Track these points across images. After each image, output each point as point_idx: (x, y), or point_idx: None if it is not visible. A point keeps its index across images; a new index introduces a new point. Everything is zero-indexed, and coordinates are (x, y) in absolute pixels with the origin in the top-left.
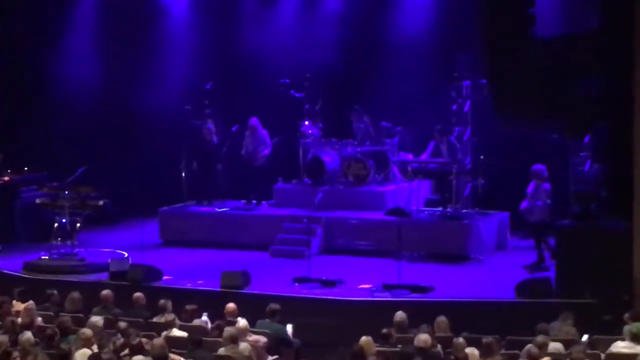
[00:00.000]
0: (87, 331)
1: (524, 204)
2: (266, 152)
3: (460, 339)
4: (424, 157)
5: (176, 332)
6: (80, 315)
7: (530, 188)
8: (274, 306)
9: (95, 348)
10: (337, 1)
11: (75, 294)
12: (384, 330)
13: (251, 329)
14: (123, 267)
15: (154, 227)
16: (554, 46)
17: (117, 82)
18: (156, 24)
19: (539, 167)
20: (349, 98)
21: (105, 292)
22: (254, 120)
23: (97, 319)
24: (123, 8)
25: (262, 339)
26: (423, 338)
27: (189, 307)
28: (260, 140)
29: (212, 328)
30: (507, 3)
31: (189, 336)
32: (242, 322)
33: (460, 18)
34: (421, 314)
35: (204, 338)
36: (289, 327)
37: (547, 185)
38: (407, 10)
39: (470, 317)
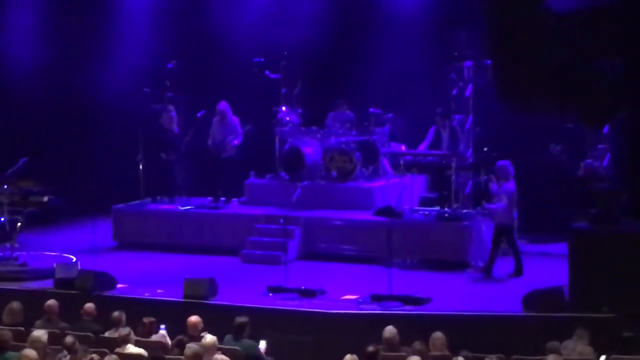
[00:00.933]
0: (30, 352)
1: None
2: (236, 141)
3: (460, 359)
4: (423, 145)
5: (132, 349)
6: (21, 328)
7: (493, 187)
8: (241, 319)
9: None
10: None
11: (15, 304)
12: (371, 348)
13: (219, 346)
14: (70, 273)
15: (106, 227)
16: (570, 22)
17: (64, 61)
18: None
19: (503, 163)
20: (332, 80)
21: (50, 302)
22: (223, 105)
23: (40, 334)
24: None
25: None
26: (415, 358)
27: (146, 319)
28: (230, 128)
29: (172, 344)
30: None
31: (150, 354)
32: (208, 337)
33: None
34: (414, 330)
35: (165, 356)
36: (262, 344)
37: (510, 185)
38: None
39: (470, 334)
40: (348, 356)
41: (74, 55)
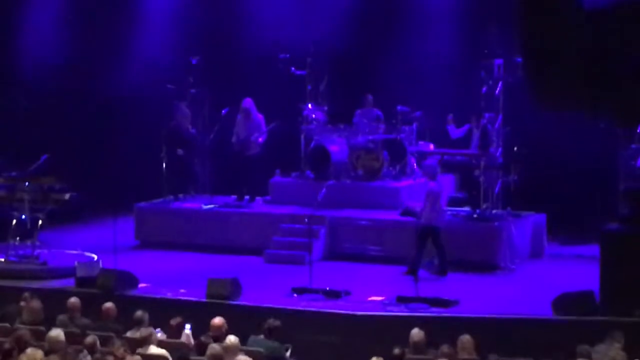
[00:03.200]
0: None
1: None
2: (261, 139)
3: None
4: (458, 132)
5: (153, 350)
6: (41, 328)
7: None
8: (274, 322)
9: None
10: None
11: (35, 303)
12: (397, 351)
13: (242, 347)
14: (92, 272)
15: (128, 225)
16: (605, 18)
17: (87, 57)
18: None
19: (429, 163)
20: (359, 77)
21: (72, 299)
22: (248, 102)
23: (56, 333)
24: None
25: None
26: None
27: (173, 321)
28: (254, 125)
29: (194, 345)
30: None
31: (175, 355)
32: (231, 338)
33: None
34: (442, 332)
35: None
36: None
37: (433, 185)
38: None
39: (499, 337)
40: (374, 359)
41: (95, 52)
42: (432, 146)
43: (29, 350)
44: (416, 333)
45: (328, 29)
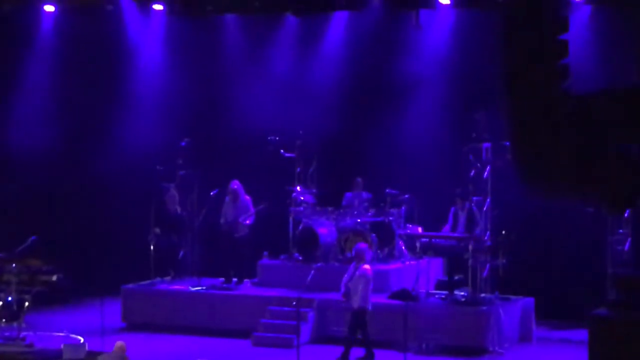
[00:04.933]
0: None
1: (342, 287)
2: (249, 221)
3: None
4: (446, 228)
5: None
6: None
7: (350, 270)
8: None
9: None
10: (335, 48)
11: None
12: None
13: None
14: (79, 355)
15: (115, 307)
16: (592, 104)
17: (74, 138)
18: (123, 71)
19: (360, 246)
20: (348, 160)
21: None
22: (236, 184)
23: None
24: (83, 51)
25: None
26: None
27: None
28: (242, 207)
29: None
30: (536, 52)
31: None
32: None
33: (480, 69)
34: None
35: None
36: None
37: (367, 269)
38: (416, 59)
39: None
40: None
41: (86, 134)
42: (420, 229)
43: None
44: None
45: (317, 112)
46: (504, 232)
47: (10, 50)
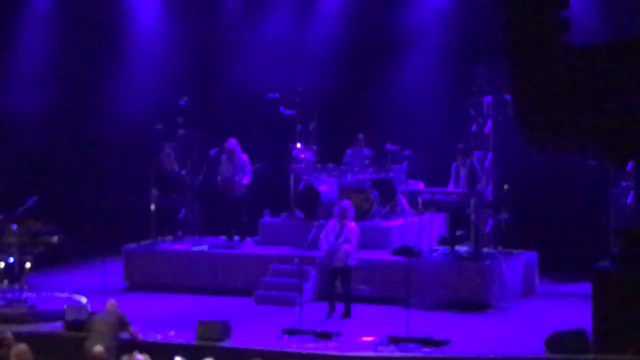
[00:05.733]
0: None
1: (323, 245)
2: (245, 180)
3: None
4: (451, 185)
5: None
6: None
7: (332, 226)
8: None
9: None
10: (335, 4)
11: (22, 347)
12: None
13: None
14: (81, 315)
15: (117, 268)
16: (593, 57)
17: (72, 98)
18: (120, 30)
19: (344, 204)
20: (348, 116)
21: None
22: (232, 142)
23: None
24: (80, 10)
25: None
26: None
27: None
28: (238, 166)
29: None
30: (536, 5)
31: None
32: None
33: (480, 22)
34: None
35: None
36: None
37: (353, 225)
38: (418, 15)
39: None
40: None
41: (84, 93)
42: (422, 185)
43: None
44: None
45: (316, 69)
46: (506, 187)
47: (5, 10)
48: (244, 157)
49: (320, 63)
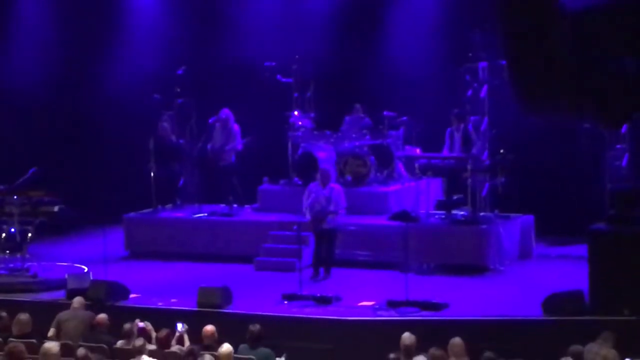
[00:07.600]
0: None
1: (307, 210)
2: (236, 147)
3: None
4: (445, 150)
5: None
6: (33, 341)
7: (316, 191)
8: (254, 327)
9: None
10: None
11: (23, 316)
12: (392, 356)
13: (235, 356)
14: (82, 283)
15: (118, 236)
16: (586, 21)
17: (72, 69)
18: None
19: (325, 168)
20: (345, 83)
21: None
22: (225, 112)
23: (51, 345)
24: None
25: None
26: None
27: (160, 334)
28: (231, 136)
29: (185, 354)
30: None
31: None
32: (225, 347)
33: None
34: (433, 336)
35: None
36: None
37: (339, 187)
38: None
39: (489, 339)
40: None
41: (82, 63)
42: (418, 150)
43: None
44: (407, 337)
45: (313, 37)
46: (502, 151)
47: None
48: (236, 127)
49: (317, 31)
